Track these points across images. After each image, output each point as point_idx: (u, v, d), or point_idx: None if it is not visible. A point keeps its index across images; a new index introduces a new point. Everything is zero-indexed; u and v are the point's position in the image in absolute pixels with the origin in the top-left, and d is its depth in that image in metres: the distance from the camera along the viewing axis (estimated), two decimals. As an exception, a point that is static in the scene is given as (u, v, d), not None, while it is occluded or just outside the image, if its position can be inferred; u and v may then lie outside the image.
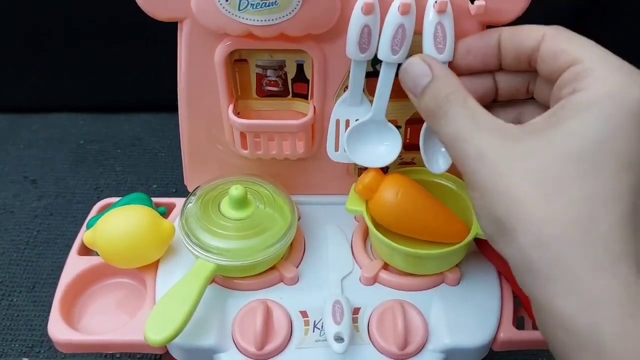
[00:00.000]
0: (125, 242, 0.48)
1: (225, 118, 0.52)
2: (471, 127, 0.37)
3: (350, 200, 0.51)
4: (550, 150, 0.34)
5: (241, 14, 0.44)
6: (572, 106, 0.34)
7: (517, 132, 0.36)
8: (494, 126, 0.36)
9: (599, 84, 0.34)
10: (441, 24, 0.45)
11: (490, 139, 0.36)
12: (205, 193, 0.52)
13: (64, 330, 0.47)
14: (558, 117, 0.34)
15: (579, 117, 0.33)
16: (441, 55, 0.46)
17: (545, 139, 0.34)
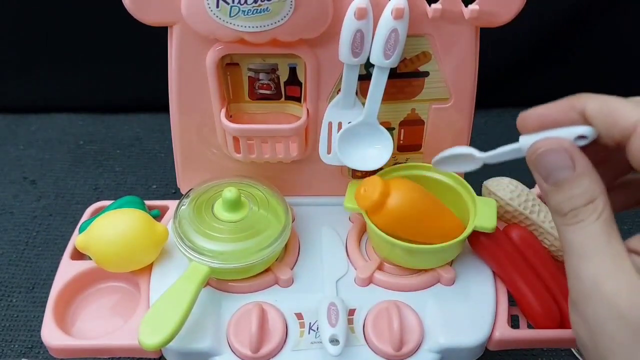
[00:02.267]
0: (118, 246, 0.48)
1: (218, 122, 0.52)
2: (596, 251, 0.34)
3: (348, 198, 0.51)
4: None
5: (232, 20, 0.44)
6: None
7: (631, 272, 0.34)
8: (617, 255, 0.34)
9: None
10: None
11: (610, 268, 0.34)
12: (198, 195, 0.52)
13: (58, 335, 0.48)
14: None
15: None
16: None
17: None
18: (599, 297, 0.33)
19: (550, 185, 0.36)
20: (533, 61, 0.92)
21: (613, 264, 0.33)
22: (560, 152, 0.36)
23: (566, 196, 0.35)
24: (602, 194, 0.35)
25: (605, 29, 0.88)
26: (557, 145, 0.36)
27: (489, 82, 0.68)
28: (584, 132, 0.36)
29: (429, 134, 0.54)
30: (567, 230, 0.36)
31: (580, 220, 0.35)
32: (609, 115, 0.36)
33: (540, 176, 0.37)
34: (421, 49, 0.49)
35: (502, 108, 0.96)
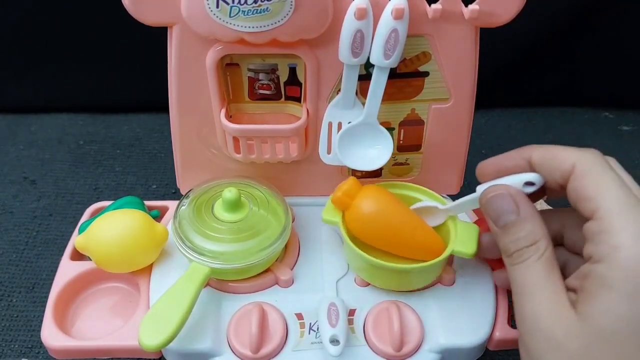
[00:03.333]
0: (118, 246, 0.48)
1: (218, 122, 0.52)
2: (536, 289, 0.38)
3: (326, 210, 0.50)
4: (586, 330, 0.35)
5: (232, 20, 0.44)
6: (596, 280, 0.35)
7: (567, 306, 0.36)
8: (555, 290, 0.37)
9: (617, 256, 0.34)
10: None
11: (548, 304, 0.37)
12: (198, 196, 0.52)
13: (58, 336, 0.47)
14: (587, 293, 0.35)
15: (604, 296, 0.34)
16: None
17: (582, 317, 0.35)
18: (538, 331, 0.36)
19: (499, 228, 0.41)
20: (533, 61, 0.92)
21: (550, 299, 0.37)
22: (506, 198, 0.41)
23: (512, 238, 0.39)
24: (545, 237, 0.39)
25: (606, 29, 0.88)
26: (504, 191, 0.41)
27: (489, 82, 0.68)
28: (530, 178, 0.41)
29: (428, 134, 0.54)
30: (512, 269, 0.39)
31: (523, 260, 0.38)
32: (550, 161, 0.40)
33: (491, 219, 0.41)
34: (421, 49, 0.49)
35: (502, 108, 0.96)
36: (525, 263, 0.38)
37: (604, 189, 0.36)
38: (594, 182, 0.37)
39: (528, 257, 0.38)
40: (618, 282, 0.34)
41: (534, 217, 0.39)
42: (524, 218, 0.39)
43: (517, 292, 0.39)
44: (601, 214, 0.36)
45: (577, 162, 0.38)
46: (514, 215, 0.40)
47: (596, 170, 0.37)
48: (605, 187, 0.36)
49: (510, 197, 0.40)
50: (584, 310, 0.35)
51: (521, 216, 0.40)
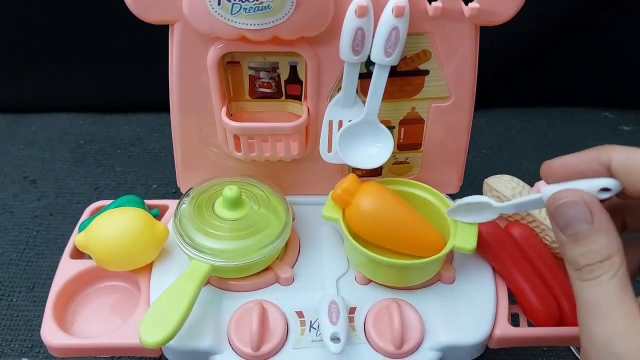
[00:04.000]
0: (118, 244, 0.48)
1: (218, 120, 0.52)
2: (611, 310, 0.34)
3: (327, 207, 0.50)
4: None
5: (234, 17, 0.44)
6: None
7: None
8: (631, 314, 0.34)
9: None
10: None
11: (623, 329, 0.33)
12: (199, 194, 0.52)
13: (58, 334, 0.47)
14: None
15: None
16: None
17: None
18: (611, 355, 0.33)
19: (567, 237, 0.36)
20: (533, 61, 0.92)
21: (625, 324, 0.33)
22: (580, 205, 0.36)
23: (583, 250, 0.35)
24: (619, 252, 0.35)
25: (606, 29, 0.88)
26: (578, 197, 0.36)
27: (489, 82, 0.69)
28: (607, 184, 0.36)
29: (429, 132, 0.54)
30: (581, 285, 0.35)
31: (595, 277, 0.35)
32: (633, 169, 0.36)
33: (558, 227, 0.37)
34: (421, 47, 0.49)
35: (502, 108, 0.97)
36: (598, 280, 0.34)
37: None
38: None
39: (601, 274, 0.34)
40: None
41: (610, 230, 0.35)
42: (598, 229, 0.35)
43: (585, 310, 0.35)
44: None
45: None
46: (587, 225, 0.35)
47: None
48: None
49: (585, 205, 0.36)
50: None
51: (595, 227, 0.35)
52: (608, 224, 0.35)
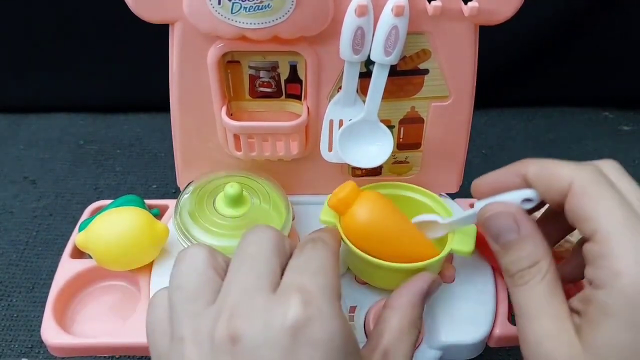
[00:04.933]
0: (119, 244, 0.48)
1: (218, 120, 0.52)
2: (540, 312, 0.36)
3: (324, 211, 0.49)
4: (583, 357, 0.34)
5: (234, 17, 0.44)
6: (598, 307, 0.34)
7: (571, 332, 0.35)
8: (559, 315, 0.36)
9: (618, 282, 0.33)
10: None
11: (551, 329, 0.36)
12: (200, 187, 0.52)
13: (58, 334, 0.47)
14: (589, 321, 0.34)
15: (606, 325, 0.33)
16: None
17: (585, 346, 0.34)
18: (541, 355, 0.36)
19: (499, 246, 0.39)
20: (533, 61, 0.92)
21: (554, 324, 0.36)
22: (505, 216, 0.39)
23: (513, 258, 0.38)
24: (547, 256, 0.38)
25: (606, 28, 0.88)
26: (503, 209, 0.40)
27: (489, 82, 0.68)
28: (528, 195, 0.39)
29: (428, 132, 0.54)
30: (514, 291, 0.38)
31: (525, 282, 0.37)
32: (546, 178, 0.38)
33: (491, 237, 0.40)
34: (421, 46, 0.49)
35: (502, 108, 0.97)
36: (528, 285, 0.37)
37: (602, 209, 0.35)
38: (592, 201, 0.35)
39: (530, 279, 0.37)
40: (620, 311, 0.32)
41: (535, 236, 0.38)
42: (524, 237, 0.38)
43: (519, 314, 0.38)
44: (600, 236, 0.34)
45: (574, 180, 0.36)
46: (514, 234, 0.39)
47: (594, 188, 0.36)
48: (604, 207, 0.35)
49: (510, 215, 0.39)
50: (587, 339, 0.34)
51: (521, 235, 0.38)
52: (533, 231, 0.38)
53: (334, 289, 0.36)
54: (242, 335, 0.32)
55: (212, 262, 0.37)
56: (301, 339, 0.32)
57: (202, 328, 0.34)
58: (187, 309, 0.35)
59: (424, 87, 0.51)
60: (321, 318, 0.33)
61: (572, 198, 0.36)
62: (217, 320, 0.33)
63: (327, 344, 0.33)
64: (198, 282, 0.36)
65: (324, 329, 0.33)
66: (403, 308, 0.42)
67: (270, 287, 0.35)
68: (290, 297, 0.34)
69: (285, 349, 0.32)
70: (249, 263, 0.37)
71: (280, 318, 0.33)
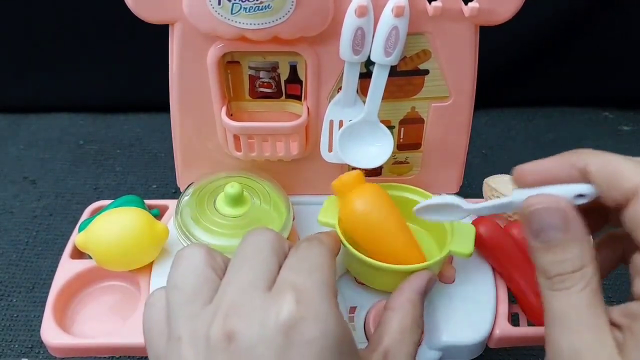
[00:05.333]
0: (119, 244, 0.48)
1: (218, 120, 0.52)
2: (579, 322, 0.33)
3: (322, 213, 0.49)
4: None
5: (234, 17, 0.44)
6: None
7: (612, 347, 0.33)
8: (598, 326, 0.33)
9: None
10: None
11: (591, 342, 0.33)
12: (200, 188, 0.52)
13: (58, 334, 0.47)
14: (636, 336, 0.32)
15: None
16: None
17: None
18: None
19: (539, 243, 0.35)
20: (533, 61, 0.92)
21: (594, 337, 0.33)
22: (555, 211, 0.35)
23: (555, 259, 0.35)
24: (592, 262, 0.34)
25: (606, 28, 0.88)
26: (554, 203, 0.35)
27: (489, 82, 0.68)
28: (583, 190, 0.35)
29: (428, 132, 0.54)
30: (551, 295, 0.35)
31: (566, 288, 0.34)
32: (611, 176, 0.35)
33: (531, 232, 0.36)
34: (421, 47, 0.49)
35: (502, 108, 0.97)
36: (569, 291, 0.34)
37: None
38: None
39: (572, 285, 0.34)
40: None
41: (584, 239, 0.34)
42: (573, 238, 0.34)
43: (554, 321, 0.34)
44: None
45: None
46: (561, 233, 0.34)
47: None
48: None
49: (561, 212, 0.35)
50: (631, 357, 0.31)
51: (570, 235, 0.34)
52: (583, 233, 0.35)
53: (329, 286, 0.36)
54: (237, 334, 0.32)
55: (210, 261, 0.37)
56: (294, 337, 0.32)
57: (199, 328, 0.34)
58: (184, 309, 0.35)
59: (424, 88, 0.51)
60: (315, 316, 0.33)
61: (636, 203, 0.33)
62: (213, 319, 0.33)
63: (320, 343, 0.32)
64: (196, 282, 0.36)
65: (317, 327, 0.33)
66: (403, 308, 0.42)
67: (266, 286, 0.35)
68: (284, 295, 0.34)
69: (279, 347, 0.32)
70: (247, 263, 0.37)
71: (274, 316, 0.33)
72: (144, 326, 0.37)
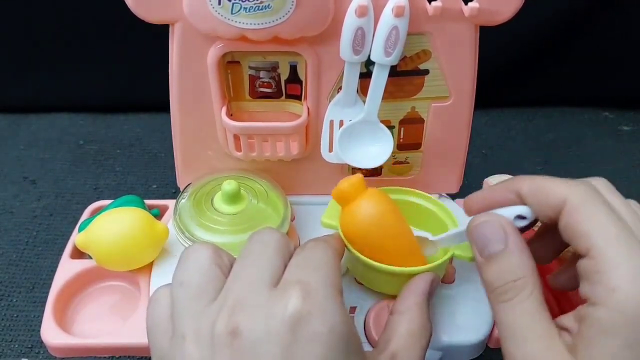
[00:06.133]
0: (119, 244, 0.48)
1: (218, 120, 0.52)
2: (527, 331, 0.35)
3: (326, 214, 0.49)
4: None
5: (234, 17, 0.44)
6: (594, 325, 0.33)
7: (564, 352, 0.34)
8: (547, 334, 0.35)
9: (615, 299, 0.32)
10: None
11: (541, 350, 0.34)
12: (198, 189, 0.53)
13: (57, 334, 0.47)
14: (586, 340, 0.33)
15: (605, 344, 0.32)
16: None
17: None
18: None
19: (483, 258, 0.38)
20: (533, 61, 0.92)
21: (544, 344, 0.34)
22: (494, 225, 0.38)
23: (496, 270, 0.37)
24: (533, 273, 0.36)
25: (606, 28, 0.88)
26: (493, 218, 0.38)
27: (489, 82, 0.68)
28: (521, 211, 0.38)
29: (428, 132, 0.54)
30: (498, 308, 0.36)
31: (509, 298, 0.36)
32: (540, 195, 0.37)
33: (477, 249, 0.39)
34: (421, 47, 0.49)
35: (502, 108, 0.97)
36: (512, 302, 0.36)
37: (597, 225, 0.34)
38: (586, 218, 0.35)
39: (515, 295, 0.36)
40: (617, 328, 0.32)
41: (523, 252, 0.37)
42: (511, 250, 0.37)
43: (505, 335, 0.36)
44: (595, 252, 0.33)
45: (568, 197, 0.36)
46: (501, 244, 0.37)
47: (588, 205, 0.35)
48: (598, 223, 0.34)
49: (500, 226, 0.38)
50: (584, 357, 0.33)
51: (509, 248, 0.37)
52: (521, 245, 0.37)
53: (335, 284, 0.36)
54: (242, 330, 0.32)
55: (217, 260, 0.37)
56: (301, 332, 0.32)
57: (204, 325, 0.34)
58: (189, 306, 0.35)
59: (424, 88, 0.51)
60: (321, 312, 0.33)
61: (566, 215, 0.35)
62: (218, 316, 0.33)
63: (327, 338, 0.32)
64: (202, 280, 0.36)
65: (324, 323, 0.33)
66: (411, 311, 0.42)
67: (272, 283, 0.35)
68: (291, 291, 0.34)
69: (285, 342, 0.32)
70: (252, 261, 0.37)
71: (280, 312, 0.33)
72: (148, 323, 0.37)
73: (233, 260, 0.38)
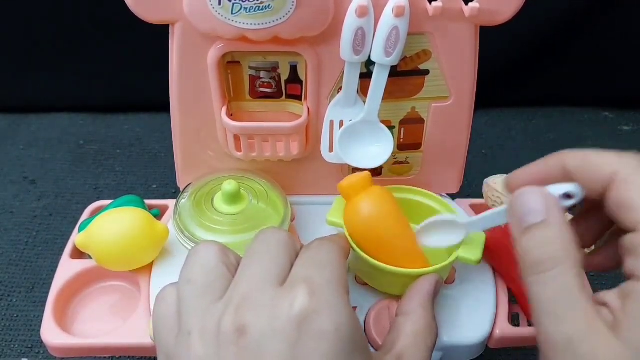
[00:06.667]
0: (119, 244, 0.48)
1: (219, 120, 0.52)
2: (567, 307, 0.32)
3: (332, 212, 0.49)
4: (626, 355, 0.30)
5: (234, 17, 0.44)
6: (638, 299, 0.31)
7: (605, 330, 0.32)
8: (588, 310, 0.32)
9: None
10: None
11: (584, 327, 0.31)
12: (198, 189, 0.53)
13: (58, 334, 0.47)
14: (631, 317, 0.31)
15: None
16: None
17: (628, 345, 0.31)
18: (577, 357, 0.31)
19: (523, 228, 0.35)
20: (533, 61, 0.92)
21: (587, 323, 0.32)
22: (535, 195, 0.35)
23: (534, 240, 0.34)
24: (574, 246, 0.34)
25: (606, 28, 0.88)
26: (535, 190, 0.36)
27: (489, 82, 0.68)
28: (568, 189, 0.36)
29: (429, 132, 0.54)
30: (534, 282, 0.34)
31: (547, 269, 0.33)
32: (587, 168, 0.35)
33: (515, 221, 0.36)
34: (421, 47, 0.49)
35: (502, 108, 0.97)
36: (551, 274, 0.33)
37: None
38: (637, 189, 0.33)
39: (553, 267, 0.33)
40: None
41: (563, 224, 0.34)
42: (551, 222, 0.34)
43: (541, 312, 0.33)
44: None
45: (619, 169, 0.34)
46: (541, 215, 0.34)
47: (639, 177, 0.33)
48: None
49: (541, 196, 0.35)
50: (629, 336, 0.30)
51: (549, 219, 0.34)
52: (561, 219, 0.34)
53: (341, 282, 0.36)
54: (248, 327, 0.32)
55: (223, 258, 0.37)
56: (307, 329, 0.32)
57: (210, 323, 0.34)
58: (196, 303, 0.35)
59: (424, 88, 0.51)
60: (328, 309, 0.33)
61: (616, 187, 0.34)
62: (224, 313, 0.33)
63: (333, 336, 0.32)
64: (208, 278, 0.36)
65: (330, 321, 0.33)
66: (416, 312, 0.42)
67: (278, 281, 0.35)
68: (297, 289, 0.34)
69: (290, 340, 0.32)
70: (259, 260, 0.37)
71: (286, 309, 0.33)
72: (154, 321, 0.37)
73: (239, 259, 0.38)
